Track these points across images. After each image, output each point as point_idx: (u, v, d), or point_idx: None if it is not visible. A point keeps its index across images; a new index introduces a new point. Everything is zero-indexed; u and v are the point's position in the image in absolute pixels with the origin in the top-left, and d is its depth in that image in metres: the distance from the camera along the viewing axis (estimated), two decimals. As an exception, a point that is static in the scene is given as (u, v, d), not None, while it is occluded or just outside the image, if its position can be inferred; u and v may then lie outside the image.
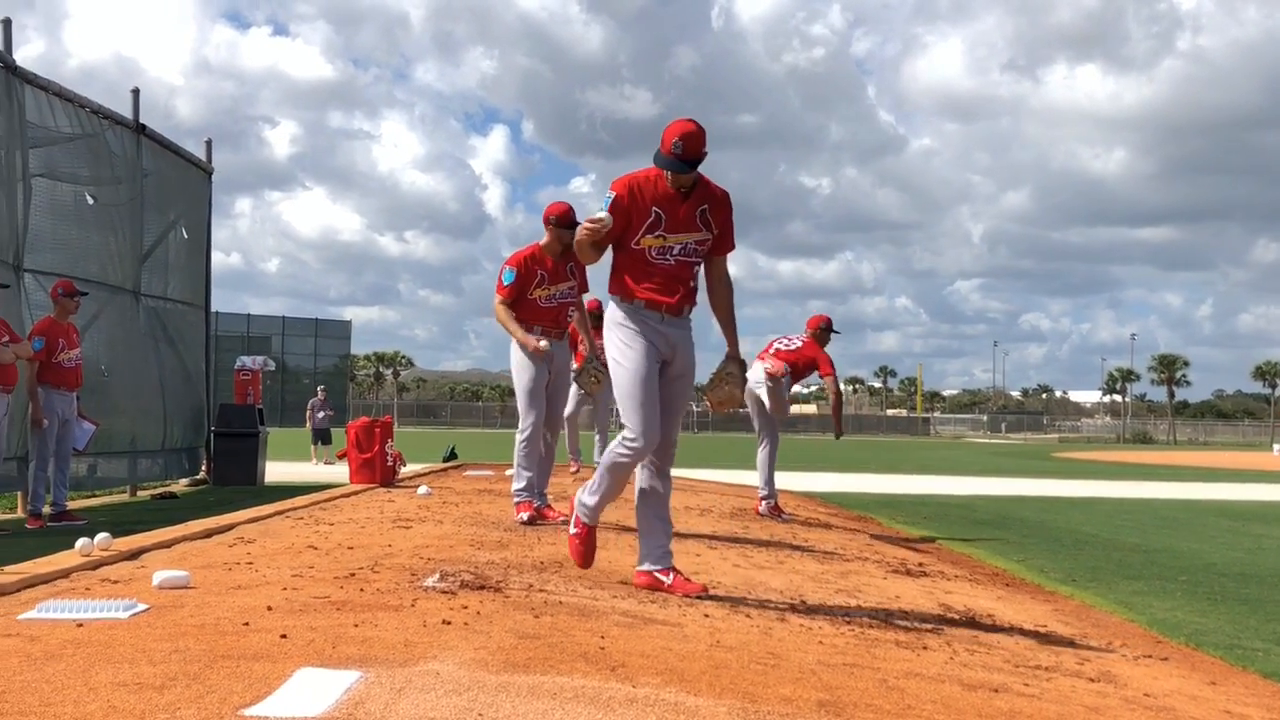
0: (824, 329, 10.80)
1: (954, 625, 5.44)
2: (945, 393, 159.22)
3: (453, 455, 19.08)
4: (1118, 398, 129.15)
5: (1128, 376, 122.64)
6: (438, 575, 5.39)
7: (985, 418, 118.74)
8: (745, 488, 15.05)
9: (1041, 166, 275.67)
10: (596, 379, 8.03)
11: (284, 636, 3.89)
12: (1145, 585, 8.00)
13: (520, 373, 8.08)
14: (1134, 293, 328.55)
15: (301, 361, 70.92)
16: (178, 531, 7.21)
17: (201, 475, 15.81)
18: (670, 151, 5.31)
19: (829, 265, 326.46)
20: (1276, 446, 66.50)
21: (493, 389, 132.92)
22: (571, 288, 8.07)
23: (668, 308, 5.44)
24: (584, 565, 5.73)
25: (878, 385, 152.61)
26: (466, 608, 4.56)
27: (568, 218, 7.88)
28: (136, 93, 14.04)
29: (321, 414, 25.92)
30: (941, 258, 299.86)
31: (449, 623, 4.24)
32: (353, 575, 5.35)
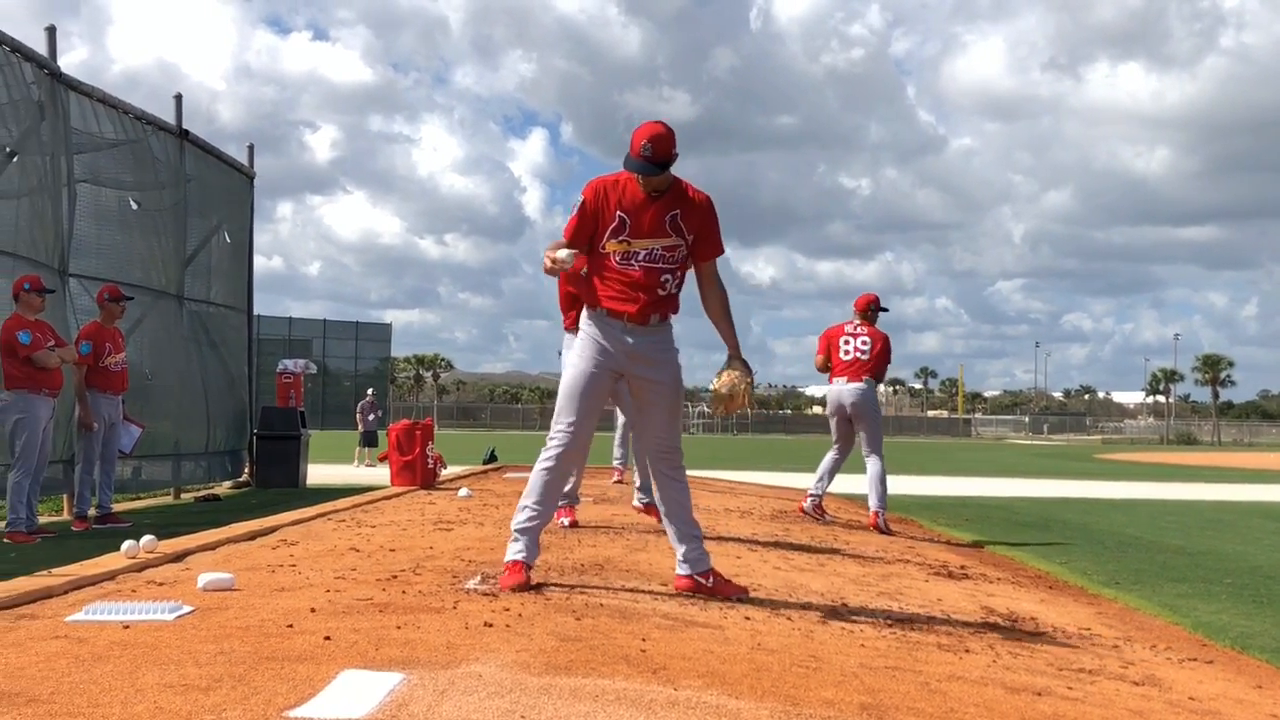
0: (874, 309, 10.62)
1: (996, 628, 5.41)
2: (987, 394, 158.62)
3: (493, 457, 19.16)
4: (1161, 399, 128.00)
5: (1171, 377, 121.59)
6: (479, 577, 5.42)
7: (1027, 419, 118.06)
8: (785, 490, 15.02)
9: (1083, 166, 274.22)
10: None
11: (327, 638, 3.92)
12: (1190, 588, 7.93)
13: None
14: (1178, 292, 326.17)
15: (342, 364, 71.28)
16: (221, 534, 7.27)
17: (244, 477, 15.92)
18: (639, 154, 5.24)
19: (869, 266, 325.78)
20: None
21: (532, 391, 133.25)
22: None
23: (629, 316, 5.36)
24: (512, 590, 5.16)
25: (918, 387, 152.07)
26: (508, 610, 4.58)
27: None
28: (179, 98, 14.16)
29: (372, 416, 26.16)
30: (982, 258, 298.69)
31: (491, 625, 4.25)
32: (395, 577, 5.38)
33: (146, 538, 6.24)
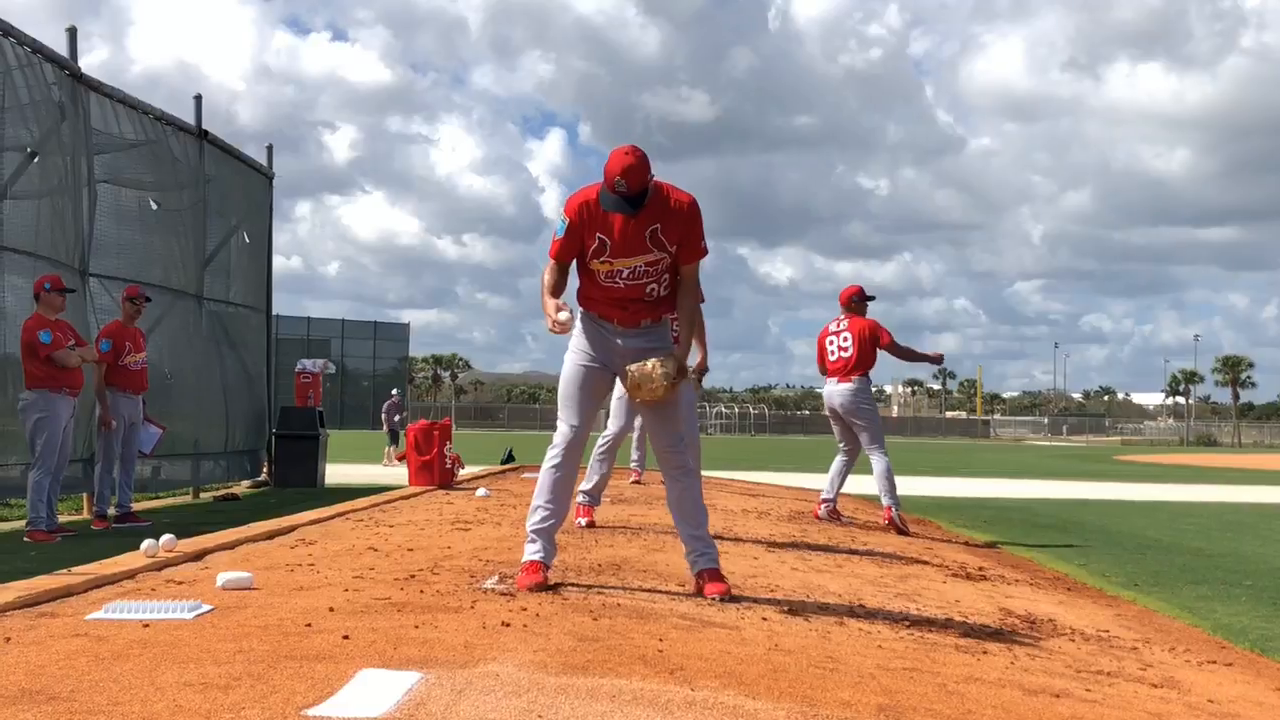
0: (857, 300, 10.45)
1: (1014, 630, 5.40)
2: (1005, 395, 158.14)
3: (510, 457, 19.18)
4: (1181, 400, 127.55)
5: (1191, 378, 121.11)
6: (497, 577, 5.43)
7: (1046, 420, 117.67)
8: (803, 490, 15.01)
9: (1103, 166, 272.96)
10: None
11: (346, 637, 3.93)
12: (1209, 590, 7.89)
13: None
14: (1198, 293, 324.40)
15: (360, 364, 71.52)
16: (240, 533, 7.30)
17: (263, 477, 15.98)
18: (614, 189, 5.16)
19: (887, 266, 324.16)
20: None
21: (550, 391, 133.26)
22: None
23: (619, 319, 5.44)
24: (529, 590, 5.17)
25: (937, 387, 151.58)
26: (525, 609, 4.59)
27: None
28: (199, 99, 14.21)
29: (399, 416, 26.35)
30: (1001, 259, 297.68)
31: (508, 624, 4.26)
32: (413, 577, 5.39)
33: (166, 537, 6.27)
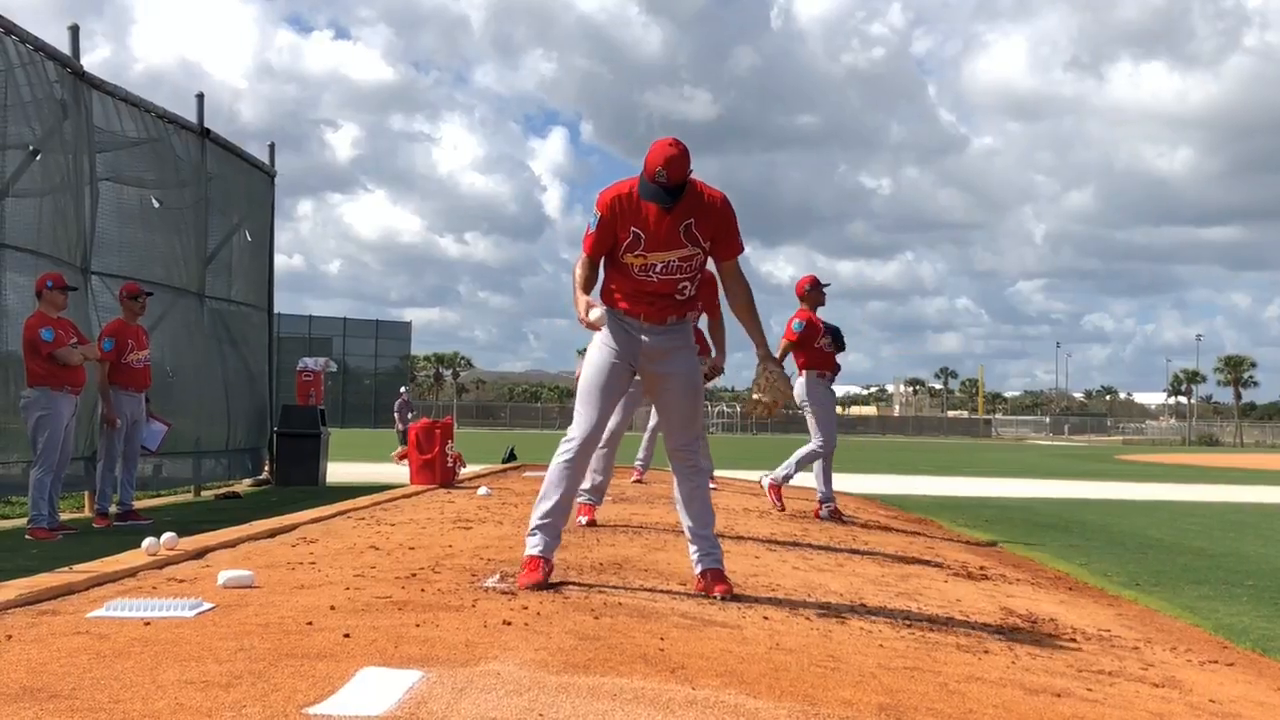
0: (810, 289, 10.36)
1: (1016, 629, 5.40)
2: (1007, 394, 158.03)
3: (512, 456, 19.19)
4: (1183, 399, 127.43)
5: (1193, 378, 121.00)
6: (498, 576, 5.43)
7: (1048, 419, 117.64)
8: (805, 489, 15.00)
9: (1106, 166, 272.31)
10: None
11: (347, 636, 3.93)
12: (1211, 590, 7.89)
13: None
14: (1200, 293, 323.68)
15: (362, 363, 71.61)
16: (242, 531, 7.30)
17: (264, 475, 15.98)
18: (654, 179, 5.15)
19: (889, 266, 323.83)
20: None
21: (551, 390, 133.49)
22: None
23: (645, 315, 5.40)
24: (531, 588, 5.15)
25: (938, 387, 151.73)
26: (526, 608, 4.59)
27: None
28: (201, 97, 14.22)
29: (410, 415, 26.40)
30: (1003, 258, 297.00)
31: (509, 623, 4.26)
32: (414, 575, 5.39)
33: (167, 535, 6.27)
